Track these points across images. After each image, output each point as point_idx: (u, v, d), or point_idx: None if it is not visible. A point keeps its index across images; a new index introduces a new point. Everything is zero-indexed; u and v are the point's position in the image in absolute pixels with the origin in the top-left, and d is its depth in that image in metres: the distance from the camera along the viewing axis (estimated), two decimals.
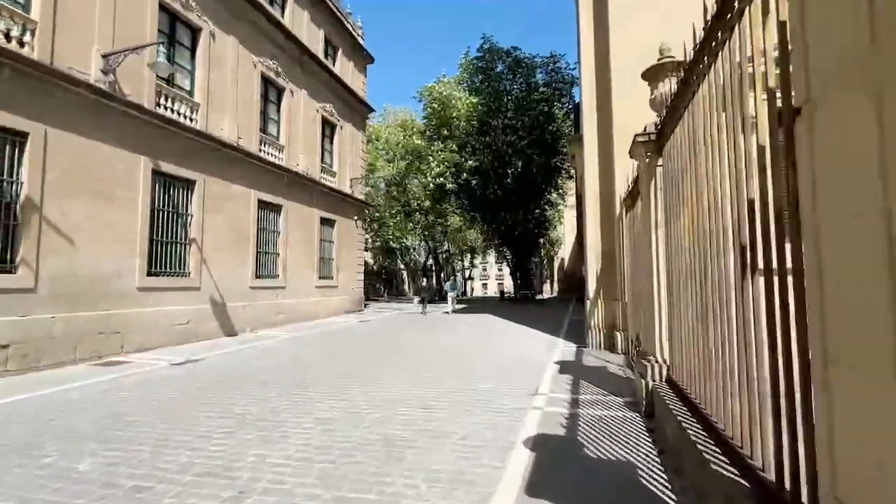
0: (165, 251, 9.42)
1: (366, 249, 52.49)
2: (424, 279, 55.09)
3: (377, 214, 30.10)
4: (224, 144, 10.95)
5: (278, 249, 13.32)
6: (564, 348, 8.49)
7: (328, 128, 16.75)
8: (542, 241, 35.63)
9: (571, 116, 22.86)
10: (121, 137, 8.39)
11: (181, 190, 9.89)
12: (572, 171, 27.42)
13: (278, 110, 13.75)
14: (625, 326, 7.63)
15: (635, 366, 4.89)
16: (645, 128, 4.36)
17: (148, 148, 8.95)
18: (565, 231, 53.00)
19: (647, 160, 4.36)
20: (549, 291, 58.36)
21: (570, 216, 50.02)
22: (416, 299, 26.26)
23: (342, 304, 16.88)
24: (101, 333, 7.91)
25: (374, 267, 55.40)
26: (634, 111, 7.93)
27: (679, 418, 3.28)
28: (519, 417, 4.20)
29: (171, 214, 9.59)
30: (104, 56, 7.98)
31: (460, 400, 4.84)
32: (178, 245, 9.78)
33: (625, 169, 7.56)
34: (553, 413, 4.33)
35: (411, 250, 33.64)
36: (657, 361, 4.18)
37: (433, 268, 45.26)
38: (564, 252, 53.46)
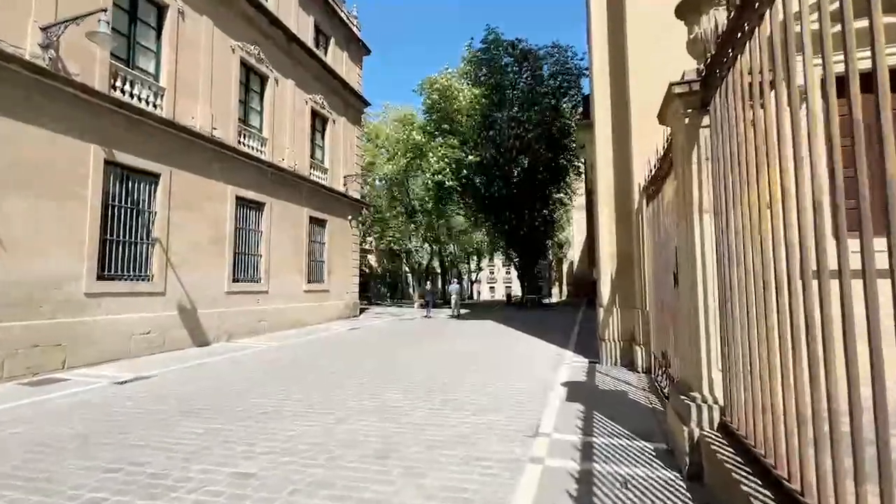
0: (122, 252, 8.39)
1: (370, 252, 51.86)
2: (429, 282, 54.05)
3: (378, 216, 29.06)
4: (195, 135, 9.93)
5: (260, 251, 12.26)
6: (574, 364, 7.27)
7: (319, 121, 15.72)
8: (549, 242, 34.30)
9: (580, 110, 21.61)
10: (66, 123, 7.38)
11: (142, 184, 8.87)
12: (581, 168, 26.17)
13: (261, 100, 12.73)
14: (645, 340, 6.41)
15: (671, 401, 3.67)
16: (683, 75, 3.17)
17: (100, 136, 7.94)
18: (574, 233, 51.55)
19: (686, 120, 3.17)
20: (557, 295, 56.86)
21: (579, 217, 48.66)
22: (417, 304, 25.12)
23: (334, 309, 15.78)
24: (37, 347, 6.87)
25: (379, 270, 54.64)
26: (657, 83, 6.74)
27: (749, 494, 2.10)
28: (511, 478, 3.02)
29: (129, 211, 8.56)
30: (43, 29, 6.98)
31: (434, 443, 3.67)
32: (139, 245, 8.74)
33: (645, 154, 6.38)
34: (558, 470, 3.14)
35: (414, 253, 32.51)
36: (704, 401, 2.98)
37: (438, 270, 44.17)
38: (573, 254, 52.04)
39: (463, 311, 21.89)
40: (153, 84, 9.17)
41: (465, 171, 19.37)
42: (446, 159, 19.27)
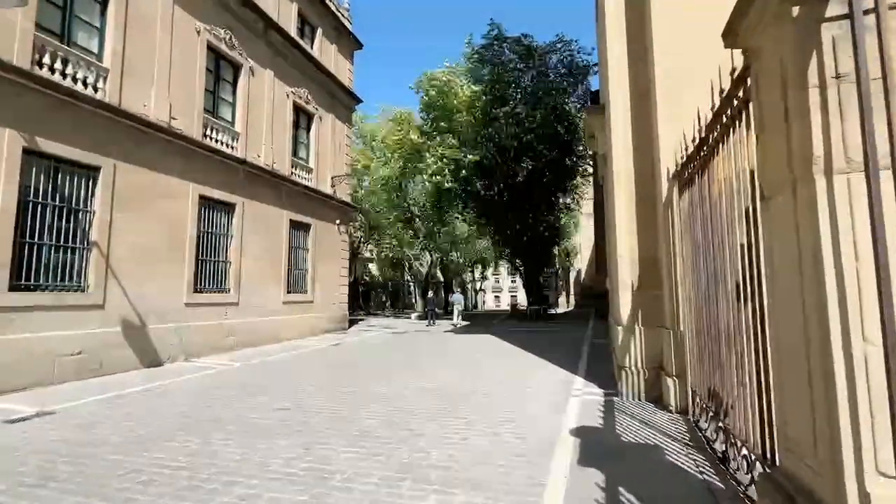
0: (46, 258, 7.09)
1: (370, 261, 50.54)
2: (431, 292, 52.60)
3: (376, 222, 27.78)
4: (148, 124, 8.69)
5: (229, 257, 10.95)
6: (585, 397, 5.79)
7: (303, 117, 14.50)
8: (556, 250, 32.79)
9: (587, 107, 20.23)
10: None
11: (76, 178, 7.60)
12: (590, 170, 24.75)
13: (234, 91, 11.52)
14: (680, 370, 4.93)
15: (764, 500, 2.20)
16: None
17: (19, 119, 6.69)
18: (582, 240, 49.98)
19: (796, 10, 1.76)
20: (564, 304, 55.07)
21: (586, 225, 47.11)
22: (414, 315, 23.70)
23: (318, 322, 14.39)
24: None
25: (380, 279, 53.32)
26: (688, 42, 5.34)
27: None
28: None
29: (57, 210, 7.28)
30: None
31: None
32: (70, 251, 7.44)
33: (673, 133, 4.99)
34: None
35: (413, 261, 31.15)
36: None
37: (441, 280, 42.74)
38: (581, 263, 50.38)
39: (464, 322, 20.41)
40: (93, 64, 7.94)
41: (463, 171, 18.00)
42: (444, 160, 17.94)
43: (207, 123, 10.44)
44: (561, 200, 25.52)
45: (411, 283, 47.54)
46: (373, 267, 51.62)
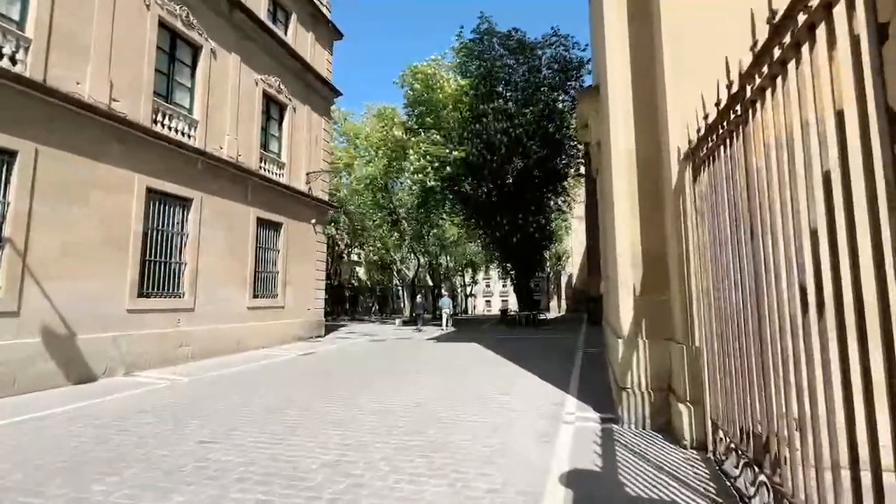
0: None
1: (358, 264, 49.35)
2: (420, 296, 51.56)
3: (359, 224, 26.72)
4: (82, 105, 7.61)
5: (184, 258, 9.84)
6: (579, 424, 4.82)
7: (274, 108, 13.46)
8: (547, 254, 31.97)
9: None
10: None
11: None
12: (581, 170, 23.97)
13: (192, 75, 10.45)
14: (696, 395, 3.99)
15: None
16: None
17: None
18: (573, 244, 49.29)
19: None
20: (556, 309, 54.29)
21: (578, 228, 46.44)
22: (399, 320, 22.65)
23: (290, 329, 13.29)
24: None
25: (368, 283, 52.09)
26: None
27: None
28: None
29: None
30: None
31: None
32: None
33: (687, 103, 4.10)
34: None
35: (399, 264, 30.10)
36: None
37: (430, 284, 41.76)
38: (573, 267, 49.69)
39: (451, 329, 19.41)
40: (12, 32, 6.86)
41: (448, 168, 17.05)
42: (428, 157, 16.98)
43: (159, 108, 9.36)
44: (552, 202, 24.72)
45: (400, 288, 46.36)
46: (361, 271, 50.43)
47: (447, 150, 16.84)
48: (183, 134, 9.92)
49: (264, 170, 12.58)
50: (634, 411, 4.70)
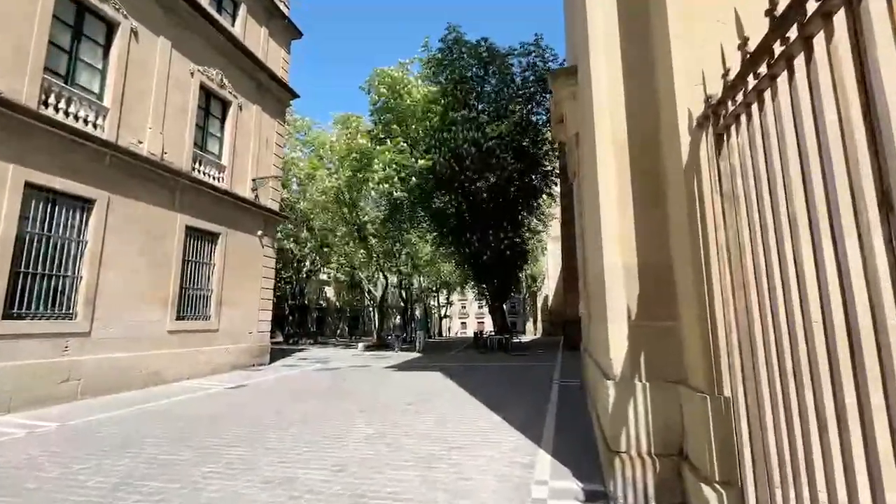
0: None
1: (327, 284, 47.22)
2: (399, 318, 49.48)
3: (323, 240, 25.02)
4: None
5: (79, 270, 8.07)
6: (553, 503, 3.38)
7: (215, 104, 11.96)
8: (521, 274, 30.92)
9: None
10: None
11: None
12: (556, 190, 23.19)
13: (104, 55, 8.90)
14: (726, 471, 2.64)
15: None
16: None
17: None
18: (549, 265, 48.59)
19: None
20: (532, 331, 53.12)
21: (553, 249, 45.85)
22: (361, 345, 20.87)
23: (225, 356, 11.45)
24: None
25: (338, 303, 49.83)
26: None
27: None
28: None
29: None
30: None
31: None
32: None
33: (700, 56, 2.93)
34: None
35: (366, 282, 28.38)
36: None
37: (403, 305, 40.02)
38: (548, 289, 48.87)
39: (414, 355, 17.79)
40: None
41: (414, 178, 15.77)
42: (393, 165, 15.69)
43: (51, 89, 7.76)
44: (526, 221, 23.78)
45: (371, 309, 44.28)
46: (330, 290, 48.16)
47: (413, 160, 15.58)
48: (87, 122, 8.30)
49: (199, 172, 10.97)
50: (632, 487, 3.30)
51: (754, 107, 2.23)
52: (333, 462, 4.38)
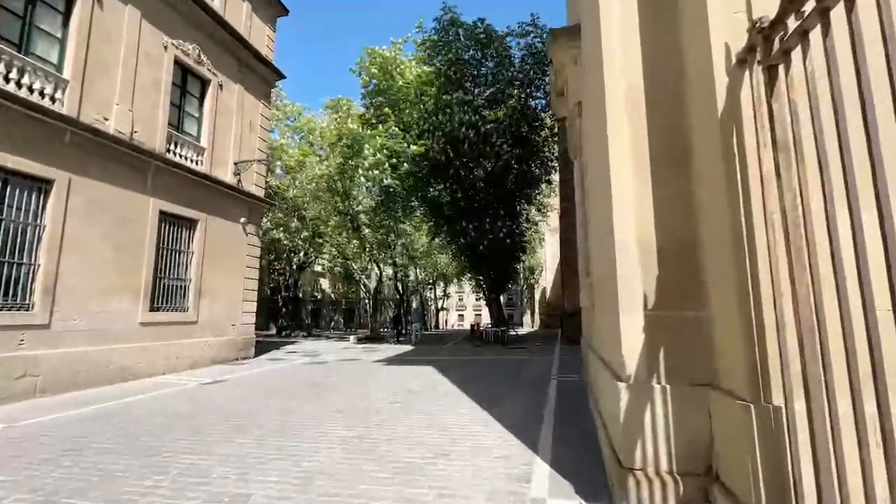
0: None
1: (321, 276, 46.62)
2: (394, 310, 49.08)
3: (315, 230, 24.33)
4: None
5: (36, 258, 7.42)
6: None
7: (193, 81, 11.22)
8: (519, 266, 30.35)
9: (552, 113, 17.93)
10: None
11: None
12: (555, 179, 22.54)
13: (64, 23, 8.16)
14: (776, 500, 2.04)
15: None
16: None
17: None
18: (547, 257, 48.00)
19: None
20: (529, 324, 52.73)
21: (551, 241, 45.26)
22: (353, 338, 20.31)
23: (205, 350, 10.85)
24: None
25: (333, 295, 49.25)
26: None
27: None
28: None
29: None
30: None
31: None
32: None
33: None
34: None
35: (360, 274, 27.76)
36: None
37: (399, 297, 39.50)
38: (546, 281, 48.34)
39: (407, 348, 17.24)
40: None
41: (407, 165, 15.07)
42: (385, 151, 14.99)
43: (0, 57, 7.03)
44: (524, 210, 23.15)
45: (367, 301, 43.70)
46: (325, 282, 47.51)
47: (406, 145, 14.87)
48: (43, 95, 7.59)
49: (174, 153, 10.27)
50: None
51: (823, 25, 1.62)
52: (299, 474, 3.79)
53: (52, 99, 7.73)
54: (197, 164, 10.98)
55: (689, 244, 2.85)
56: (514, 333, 21.63)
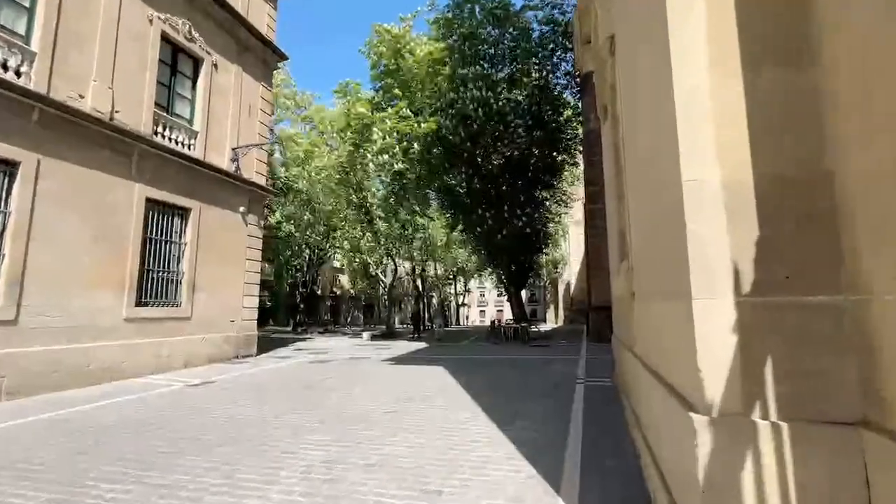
0: None
1: (340, 272, 46.35)
2: (414, 306, 48.35)
3: (329, 224, 23.64)
4: None
5: (1, 247, 6.74)
6: None
7: (185, 60, 10.46)
8: (540, 257, 28.97)
9: (576, 84, 16.55)
10: None
11: None
12: (578, 165, 21.12)
13: None
14: None
15: None
16: None
17: None
18: (571, 250, 46.18)
19: None
20: (553, 320, 51.04)
21: (576, 233, 43.48)
22: (366, 335, 19.49)
23: (200, 347, 10.13)
24: None
25: (353, 292, 48.86)
26: None
27: None
28: None
29: None
30: None
31: None
32: None
33: None
34: None
35: (373, 268, 26.96)
36: None
37: (418, 293, 38.69)
38: (571, 275, 46.56)
39: (421, 345, 16.28)
40: None
41: (416, 146, 14.00)
42: (395, 134, 13.98)
43: None
44: (546, 201, 21.83)
45: (385, 297, 43.07)
46: (344, 278, 47.13)
47: (416, 124, 13.80)
48: (6, 68, 6.89)
49: (163, 136, 9.54)
50: None
51: None
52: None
53: (18, 73, 7.03)
54: (189, 148, 10.23)
55: (816, 181, 1.70)
56: (536, 330, 20.38)
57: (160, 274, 9.37)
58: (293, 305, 33.53)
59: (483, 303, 75.60)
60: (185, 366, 9.67)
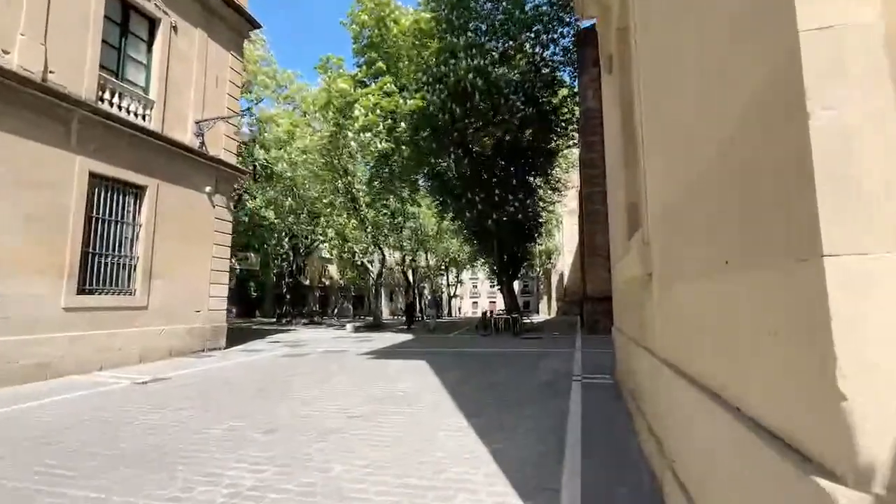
0: None
1: (329, 262, 45.32)
2: (405, 297, 47.55)
3: (312, 210, 22.59)
4: None
5: None
6: None
7: (138, 20, 9.37)
8: (533, 246, 28.20)
9: (575, 56, 15.61)
10: None
11: None
12: (574, 153, 20.29)
13: None
14: None
15: None
16: None
17: None
18: (564, 240, 45.46)
19: None
20: (545, 311, 50.49)
21: (569, 223, 42.74)
22: (349, 326, 18.63)
23: (159, 339, 9.19)
24: None
25: (342, 282, 47.85)
26: None
27: None
28: None
29: None
30: None
31: None
32: None
33: None
34: None
35: (360, 256, 26.02)
36: None
37: (408, 283, 37.87)
38: (564, 265, 45.91)
39: (407, 336, 15.46)
40: None
41: (402, 125, 13.02)
42: (378, 111, 12.98)
43: None
44: (539, 188, 20.98)
45: (373, 287, 42.15)
46: (333, 268, 46.06)
47: (401, 100, 12.79)
48: None
49: (110, 104, 8.49)
50: None
51: None
52: None
53: None
54: (144, 119, 9.19)
55: None
56: (529, 321, 19.60)
57: (109, 258, 8.38)
58: (280, 296, 32.56)
59: (475, 294, 74.98)
60: (141, 360, 8.74)
